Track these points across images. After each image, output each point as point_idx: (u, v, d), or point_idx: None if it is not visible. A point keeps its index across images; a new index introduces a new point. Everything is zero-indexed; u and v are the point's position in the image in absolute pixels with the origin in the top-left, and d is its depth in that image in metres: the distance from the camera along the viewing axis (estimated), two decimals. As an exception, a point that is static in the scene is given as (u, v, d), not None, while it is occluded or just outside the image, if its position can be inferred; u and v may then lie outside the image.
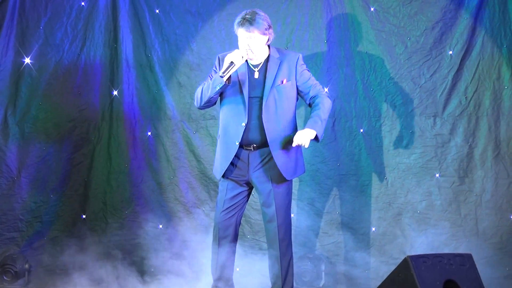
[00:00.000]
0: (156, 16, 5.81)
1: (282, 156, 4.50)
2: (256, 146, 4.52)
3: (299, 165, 4.64)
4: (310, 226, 5.75)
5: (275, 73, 4.49)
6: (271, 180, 4.56)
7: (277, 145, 4.49)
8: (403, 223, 5.67)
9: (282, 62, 4.53)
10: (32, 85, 5.72)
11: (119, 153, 5.83)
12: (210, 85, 4.49)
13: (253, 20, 4.41)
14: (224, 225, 4.61)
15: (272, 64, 4.52)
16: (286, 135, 4.52)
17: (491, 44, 5.56)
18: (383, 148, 5.72)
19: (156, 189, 5.86)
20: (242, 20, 4.43)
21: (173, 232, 5.79)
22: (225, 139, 4.54)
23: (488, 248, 5.54)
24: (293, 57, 4.58)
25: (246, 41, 4.44)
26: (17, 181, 5.71)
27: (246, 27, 4.41)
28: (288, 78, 4.53)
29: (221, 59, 4.58)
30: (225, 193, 4.61)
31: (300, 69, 4.58)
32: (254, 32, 4.42)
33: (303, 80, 4.59)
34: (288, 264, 4.65)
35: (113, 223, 5.81)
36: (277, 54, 4.56)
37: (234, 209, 4.62)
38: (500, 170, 5.58)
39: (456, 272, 4.31)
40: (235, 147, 4.50)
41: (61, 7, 5.72)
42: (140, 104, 5.86)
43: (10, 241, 5.66)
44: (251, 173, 4.56)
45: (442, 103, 5.65)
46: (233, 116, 4.51)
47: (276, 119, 4.49)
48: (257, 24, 4.42)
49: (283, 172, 4.50)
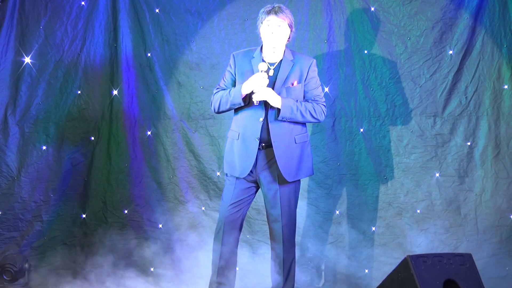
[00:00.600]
0: (156, 16, 5.80)
1: (284, 157, 4.50)
2: (265, 145, 4.52)
3: (305, 167, 4.62)
4: (310, 226, 5.75)
5: (286, 74, 4.50)
6: (278, 180, 4.56)
7: (280, 146, 4.49)
8: (403, 222, 5.68)
9: (295, 65, 4.54)
10: (32, 84, 5.72)
11: (119, 152, 5.83)
12: (228, 101, 4.52)
13: (284, 9, 4.47)
14: (229, 219, 4.60)
15: (285, 65, 4.53)
16: (290, 137, 4.52)
17: (491, 44, 5.56)
18: (383, 147, 5.72)
19: (156, 188, 5.86)
20: (273, 8, 4.46)
21: (173, 231, 5.79)
22: (244, 136, 4.53)
23: (488, 248, 5.54)
24: (307, 61, 4.59)
25: (275, 29, 4.45)
26: (17, 180, 5.71)
27: (278, 13, 4.44)
28: (299, 80, 4.54)
29: (236, 57, 4.60)
30: (233, 187, 4.60)
31: (311, 74, 4.59)
32: (285, 20, 4.45)
33: (309, 87, 4.59)
34: (290, 265, 4.65)
35: (113, 223, 5.81)
36: (291, 56, 4.57)
37: (241, 204, 4.62)
38: (500, 169, 5.58)
39: (456, 271, 4.31)
40: (255, 144, 4.50)
41: (61, 6, 5.71)
42: (140, 103, 5.85)
43: (10, 240, 5.66)
44: (259, 172, 4.56)
45: (442, 103, 5.65)
46: (251, 112, 4.51)
47: (281, 123, 4.51)
48: (287, 14, 4.48)
49: (283, 173, 4.50)
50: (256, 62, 4.54)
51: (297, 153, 4.54)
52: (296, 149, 4.55)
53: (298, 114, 4.48)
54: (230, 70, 4.64)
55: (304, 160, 4.60)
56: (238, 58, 4.61)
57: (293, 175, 4.55)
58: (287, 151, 4.51)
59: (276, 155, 4.47)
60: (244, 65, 4.58)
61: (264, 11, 4.50)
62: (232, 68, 4.62)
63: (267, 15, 4.46)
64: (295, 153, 4.54)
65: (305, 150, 4.60)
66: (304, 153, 4.60)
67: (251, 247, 5.69)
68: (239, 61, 4.60)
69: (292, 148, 4.52)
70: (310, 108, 4.52)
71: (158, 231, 5.80)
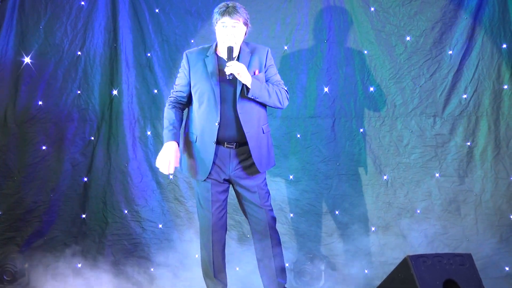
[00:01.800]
0: (156, 16, 5.80)
1: (257, 148, 4.46)
2: (237, 144, 4.45)
3: (271, 158, 4.62)
4: (310, 226, 5.75)
5: (246, 66, 4.42)
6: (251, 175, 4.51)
7: (253, 136, 4.44)
8: (403, 223, 5.68)
9: (253, 55, 4.49)
10: (31, 84, 5.71)
11: (119, 152, 5.83)
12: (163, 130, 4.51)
13: (237, 8, 4.40)
14: (218, 226, 4.56)
15: (244, 56, 4.46)
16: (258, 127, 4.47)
17: (491, 44, 5.56)
18: (383, 148, 5.72)
19: (155, 188, 5.86)
20: (226, 9, 4.38)
21: (173, 231, 5.79)
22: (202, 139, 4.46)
23: (488, 248, 5.54)
24: (263, 50, 4.53)
25: (230, 30, 4.38)
26: (17, 180, 5.70)
27: (232, 15, 4.36)
28: (259, 69, 4.49)
29: (189, 56, 4.52)
30: (210, 193, 4.53)
31: (269, 62, 4.54)
32: (239, 21, 4.38)
33: (269, 74, 4.55)
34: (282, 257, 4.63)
35: (112, 223, 5.80)
36: (247, 48, 4.51)
37: (223, 208, 4.58)
38: (500, 170, 5.58)
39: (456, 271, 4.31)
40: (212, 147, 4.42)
41: (60, 6, 5.71)
42: (140, 104, 5.85)
43: (10, 241, 5.65)
44: (231, 171, 4.50)
45: (442, 103, 5.65)
46: (207, 114, 4.43)
47: (251, 112, 4.44)
48: (241, 13, 4.40)
49: (257, 164, 4.46)
50: (210, 61, 4.45)
51: (264, 143, 4.52)
52: (264, 139, 4.52)
53: (265, 92, 4.42)
54: (184, 71, 4.54)
55: (270, 151, 4.59)
56: (191, 57, 4.52)
57: (264, 166, 4.53)
58: (258, 141, 4.48)
59: (250, 146, 4.42)
60: (198, 64, 4.48)
61: (218, 11, 4.40)
62: (186, 69, 4.52)
63: (221, 16, 4.38)
64: (263, 143, 4.52)
65: (269, 140, 4.59)
66: (269, 143, 4.59)
67: (251, 247, 5.69)
68: (193, 61, 4.51)
69: (261, 138, 4.50)
70: (276, 90, 4.48)
71: (158, 231, 5.80)
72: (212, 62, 4.45)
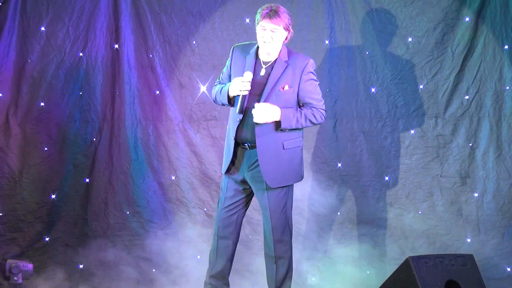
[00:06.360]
0: (158, 17, 5.80)
1: (269, 163, 4.30)
2: (250, 146, 4.36)
3: (293, 174, 4.41)
4: (310, 226, 5.75)
5: (277, 77, 4.30)
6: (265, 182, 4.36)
7: (265, 151, 4.30)
8: (404, 223, 5.68)
9: (288, 67, 4.33)
10: (33, 85, 5.71)
11: (121, 153, 5.83)
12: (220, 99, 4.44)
13: (280, 13, 4.25)
14: (224, 223, 4.51)
15: (278, 66, 4.32)
16: (277, 143, 4.32)
17: (493, 45, 5.56)
18: (385, 149, 5.72)
19: (157, 189, 5.86)
20: (269, 12, 4.25)
21: (175, 232, 5.79)
22: (228, 135, 4.47)
23: (490, 249, 5.54)
24: (301, 63, 4.33)
25: (268, 34, 4.25)
26: (19, 181, 5.70)
27: (272, 18, 4.23)
28: (290, 84, 4.32)
29: (234, 50, 4.47)
30: (225, 191, 4.52)
31: (306, 77, 4.33)
32: (279, 25, 4.24)
33: (304, 91, 4.35)
34: (286, 269, 4.49)
35: (114, 224, 5.80)
36: (286, 57, 4.35)
37: (235, 208, 4.51)
38: (501, 171, 5.58)
39: (457, 272, 4.32)
40: (233, 143, 4.38)
41: (62, 8, 5.71)
42: (142, 104, 5.85)
43: (12, 241, 5.65)
44: (245, 171, 4.42)
45: (443, 104, 5.66)
46: (234, 110, 4.36)
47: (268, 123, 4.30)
48: (283, 18, 4.25)
49: (266, 178, 4.31)
50: (249, 59, 4.39)
51: (285, 159, 4.33)
52: (284, 155, 4.33)
53: (297, 124, 4.29)
54: (227, 63, 4.52)
55: (293, 168, 4.38)
56: (237, 51, 4.47)
57: (277, 182, 4.33)
58: (273, 157, 4.31)
59: (260, 161, 4.30)
60: (240, 59, 4.44)
61: (261, 12, 4.29)
62: (229, 61, 4.50)
63: (262, 18, 4.26)
64: (283, 159, 4.33)
65: (295, 156, 4.39)
66: (294, 160, 4.38)
67: (252, 247, 5.69)
68: (236, 55, 4.46)
69: (279, 154, 4.32)
70: (309, 115, 4.32)
71: (160, 232, 5.80)
72: (250, 61, 4.38)
